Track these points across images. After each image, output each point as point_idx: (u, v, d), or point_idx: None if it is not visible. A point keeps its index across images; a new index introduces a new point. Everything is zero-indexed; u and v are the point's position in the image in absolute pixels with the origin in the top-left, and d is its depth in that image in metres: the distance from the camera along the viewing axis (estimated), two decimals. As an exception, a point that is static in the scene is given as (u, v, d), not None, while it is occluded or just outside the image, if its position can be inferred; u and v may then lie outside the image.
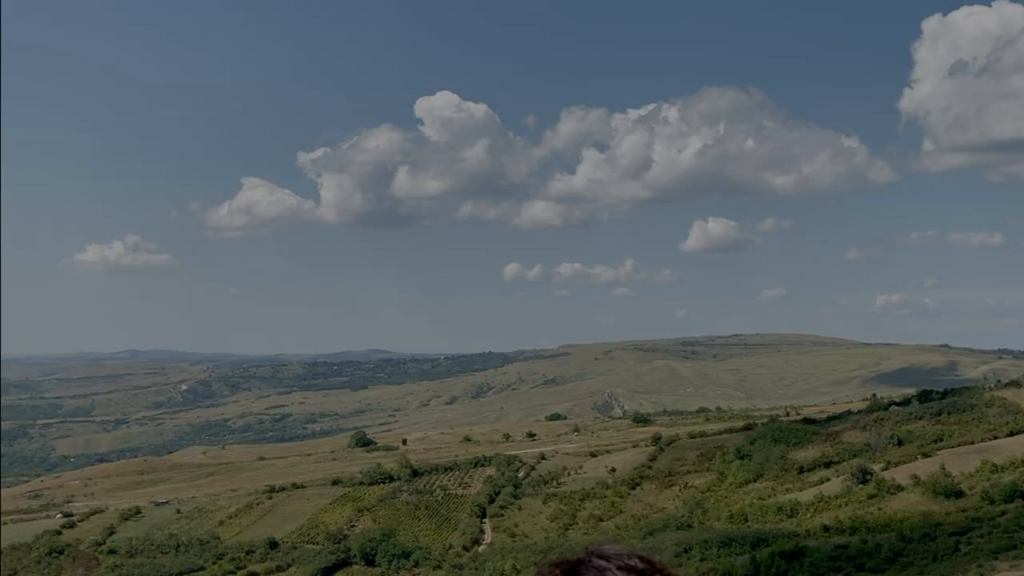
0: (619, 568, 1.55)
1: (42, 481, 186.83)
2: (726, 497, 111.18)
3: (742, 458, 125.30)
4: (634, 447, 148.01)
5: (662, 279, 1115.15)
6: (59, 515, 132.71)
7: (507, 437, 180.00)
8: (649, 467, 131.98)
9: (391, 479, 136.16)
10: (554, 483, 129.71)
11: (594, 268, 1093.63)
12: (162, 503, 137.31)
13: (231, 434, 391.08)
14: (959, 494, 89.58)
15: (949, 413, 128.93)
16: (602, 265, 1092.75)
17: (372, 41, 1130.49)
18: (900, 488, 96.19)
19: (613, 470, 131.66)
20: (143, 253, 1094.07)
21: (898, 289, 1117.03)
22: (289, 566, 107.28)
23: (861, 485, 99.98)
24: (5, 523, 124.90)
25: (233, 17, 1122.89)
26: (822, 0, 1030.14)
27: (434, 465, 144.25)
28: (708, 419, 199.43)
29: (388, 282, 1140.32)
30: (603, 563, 1.58)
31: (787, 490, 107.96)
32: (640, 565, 1.59)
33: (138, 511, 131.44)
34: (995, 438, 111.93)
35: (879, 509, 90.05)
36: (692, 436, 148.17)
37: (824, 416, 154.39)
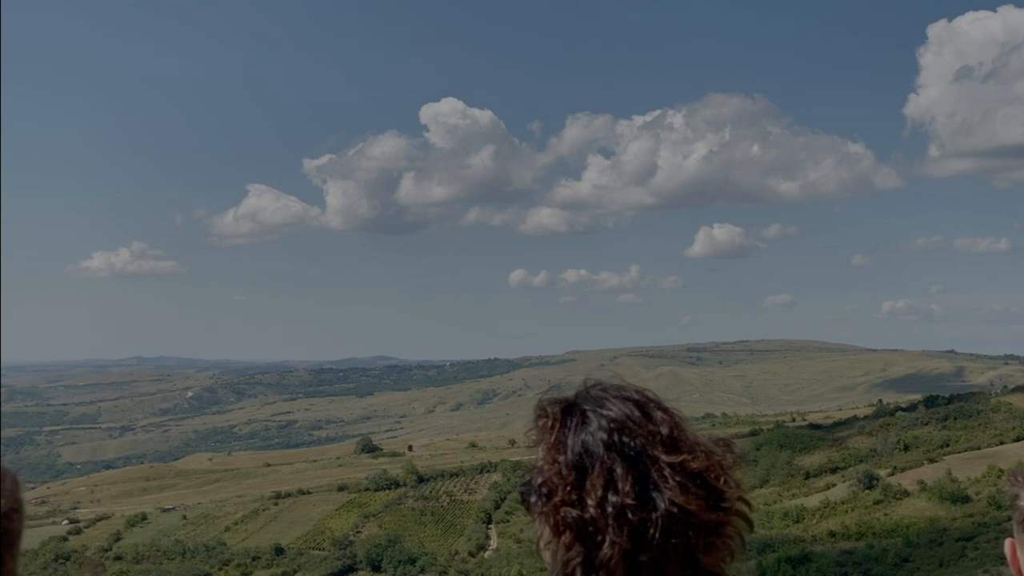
0: (615, 397, 1.62)
1: (48, 488, 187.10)
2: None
3: (748, 464, 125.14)
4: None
5: (667, 285, 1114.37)
6: (65, 521, 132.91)
7: (513, 443, 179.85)
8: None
9: (397, 485, 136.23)
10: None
11: (599, 274, 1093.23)
12: (168, 509, 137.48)
13: (237, 441, 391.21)
14: (965, 499, 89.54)
15: (955, 418, 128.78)
16: (607, 271, 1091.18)
17: (377, 47, 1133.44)
18: (906, 493, 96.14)
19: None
20: (149, 260, 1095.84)
21: (904, 295, 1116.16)
22: (295, 572, 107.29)
23: (867, 491, 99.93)
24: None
25: (238, 24, 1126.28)
26: (827, 6, 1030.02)
27: (440, 471, 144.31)
28: (714, 425, 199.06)
29: (394, 288, 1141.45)
30: (601, 393, 1.64)
31: (793, 496, 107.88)
32: (636, 396, 1.65)
33: (144, 517, 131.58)
34: (1001, 443, 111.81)
35: (885, 514, 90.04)
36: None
37: (830, 422, 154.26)
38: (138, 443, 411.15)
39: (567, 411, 1.64)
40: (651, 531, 1.48)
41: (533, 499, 1.64)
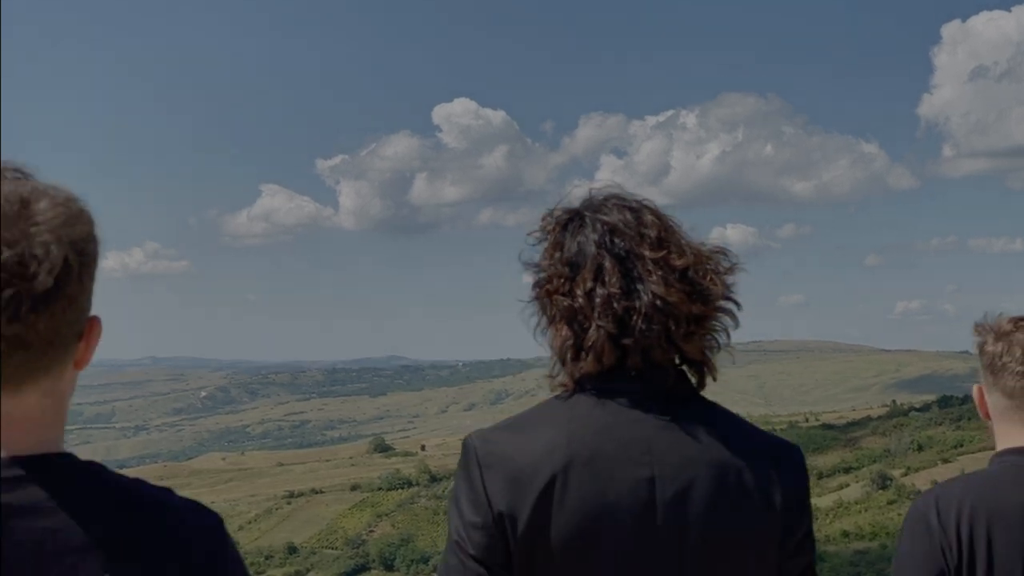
0: (614, 205, 1.76)
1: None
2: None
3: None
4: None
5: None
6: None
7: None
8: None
9: (410, 484, 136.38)
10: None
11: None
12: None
13: (250, 440, 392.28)
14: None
15: (969, 419, 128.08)
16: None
17: (389, 48, 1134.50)
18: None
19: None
20: (162, 260, 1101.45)
21: (918, 295, 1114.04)
22: (308, 571, 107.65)
23: (881, 491, 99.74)
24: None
25: (249, 25, 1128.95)
26: (840, 6, 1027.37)
27: (452, 471, 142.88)
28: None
29: (407, 288, 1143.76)
30: (602, 202, 1.78)
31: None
32: (634, 204, 1.79)
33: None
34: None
35: (899, 515, 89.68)
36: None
37: (843, 422, 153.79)
38: (152, 443, 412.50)
39: (569, 217, 1.78)
40: (634, 319, 1.63)
41: (534, 292, 1.81)
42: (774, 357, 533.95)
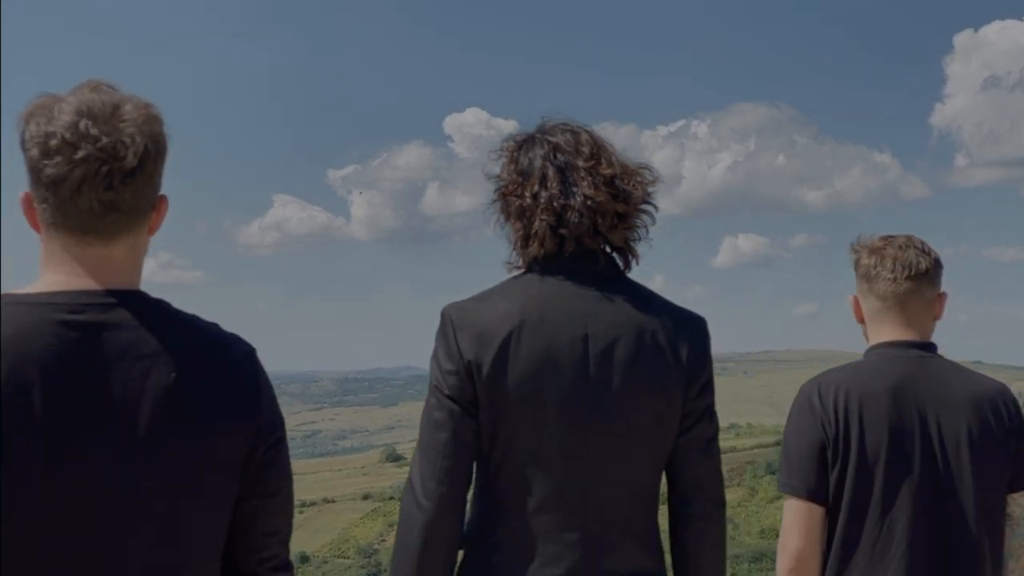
0: (561, 130, 2.23)
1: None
2: (757, 512, 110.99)
3: (773, 473, 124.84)
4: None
5: (692, 295, 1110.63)
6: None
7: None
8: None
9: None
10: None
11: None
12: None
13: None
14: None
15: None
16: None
17: (401, 58, 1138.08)
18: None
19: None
20: (175, 270, 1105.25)
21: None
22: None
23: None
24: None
25: (261, 35, 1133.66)
26: (852, 15, 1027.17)
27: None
28: (738, 435, 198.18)
29: (419, 298, 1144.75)
30: (551, 127, 2.26)
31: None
32: (576, 128, 2.26)
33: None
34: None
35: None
36: (722, 451, 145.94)
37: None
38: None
39: (525, 139, 2.29)
40: (569, 214, 2.10)
41: (494, 195, 2.31)
42: (785, 367, 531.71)
